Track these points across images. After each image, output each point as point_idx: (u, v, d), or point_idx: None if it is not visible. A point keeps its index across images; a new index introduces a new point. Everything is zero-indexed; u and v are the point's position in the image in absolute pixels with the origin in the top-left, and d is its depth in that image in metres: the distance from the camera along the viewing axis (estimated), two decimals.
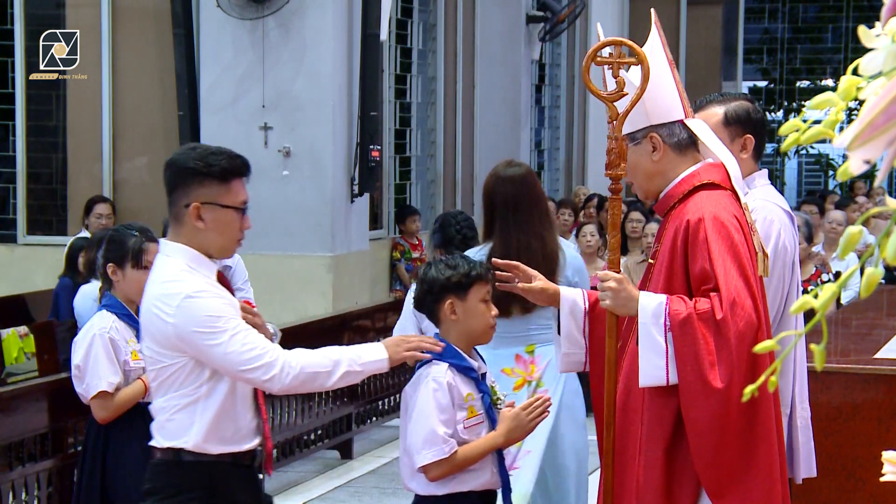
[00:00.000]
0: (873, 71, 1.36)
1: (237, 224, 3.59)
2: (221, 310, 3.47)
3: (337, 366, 3.51)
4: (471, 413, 3.70)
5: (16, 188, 10.63)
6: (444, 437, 3.62)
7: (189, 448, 3.53)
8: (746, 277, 3.33)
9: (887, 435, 4.93)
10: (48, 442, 5.48)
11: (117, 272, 4.64)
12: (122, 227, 4.80)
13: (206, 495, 3.56)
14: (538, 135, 15.26)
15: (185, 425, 3.53)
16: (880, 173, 1.43)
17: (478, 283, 3.75)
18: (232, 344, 3.43)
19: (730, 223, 3.38)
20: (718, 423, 3.29)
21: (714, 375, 3.26)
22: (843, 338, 6.00)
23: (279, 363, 3.44)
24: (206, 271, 3.56)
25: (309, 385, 3.54)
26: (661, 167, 3.53)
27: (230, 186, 3.57)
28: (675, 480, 3.40)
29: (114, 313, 4.63)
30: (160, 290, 3.51)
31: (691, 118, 3.59)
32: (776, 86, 22.82)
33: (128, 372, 4.62)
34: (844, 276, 1.40)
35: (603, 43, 3.52)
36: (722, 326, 3.27)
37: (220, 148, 3.64)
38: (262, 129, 9.70)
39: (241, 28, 9.61)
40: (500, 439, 3.72)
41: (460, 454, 3.65)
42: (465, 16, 13.13)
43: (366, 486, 7.41)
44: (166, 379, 3.54)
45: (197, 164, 3.55)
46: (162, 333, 3.49)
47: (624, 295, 3.42)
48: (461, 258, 3.84)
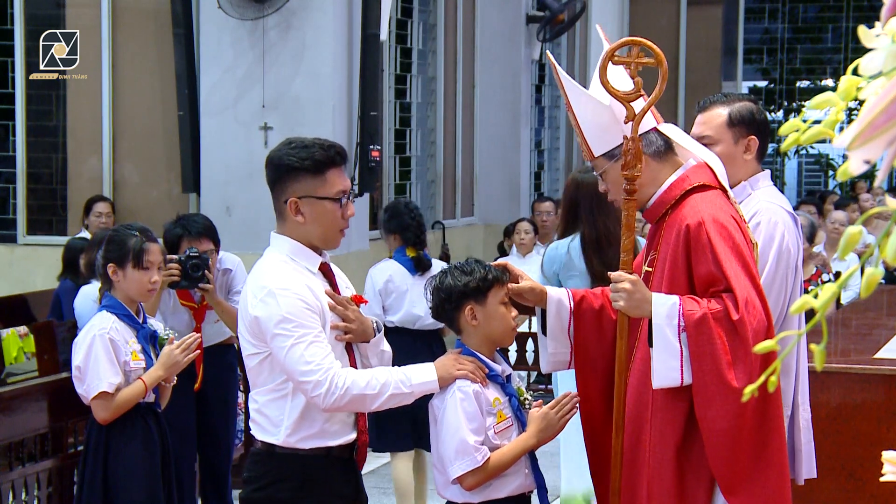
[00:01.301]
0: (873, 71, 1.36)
1: (337, 214, 3.62)
2: (297, 313, 3.49)
3: (385, 387, 3.53)
4: (500, 418, 3.68)
5: (16, 188, 10.63)
6: (475, 447, 3.60)
7: (280, 444, 3.58)
8: (753, 277, 3.35)
9: (887, 435, 4.93)
10: (48, 442, 5.48)
11: (118, 272, 4.63)
12: (123, 228, 4.79)
13: (301, 485, 3.60)
14: (538, 135, 15.26)
15: (275, 421, 3.59)
16: (880, 173, 1.43)
17: (496, 285, 3.71)
18: (293, 352, 3.48)
19: (728, 223, 3.39)
20: (736, 422, 3.29)
21: (732, 375, 3.26)
22: (843, 338, 6.00)
23: (327, 382, 3.46)
24: (307, 263, 3.63)
25: (356, 406, 3.55)
26: (644, 178, 3.53)
27: (325, 178, 3.60)
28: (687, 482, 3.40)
29: (114, 314, 4.63)
30: (253, 280, 3.61)
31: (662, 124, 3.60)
32: (776, 86, 22.82)
33: (128, 372, 4.61)
34: (844, 276, 1.40)
35: (621, 42, 3.51)
36: (739, 326, 3.26)
37: (314, 140, 3.65)
38: (262, 129, 9.69)
39: (241, 28, 9.61)
40: (532, 440, 3.69)
41: (494, 460, 3.63)
42: (465, 16, 13.13)
43: (366, 486, 7.39)
44: (254, 368, 3.61)
45: (290, 160, 3.59)
46: (247, 322, 3.57)
47: (638, 296, 3.41)
48: (475, 263, 3.79)
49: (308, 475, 3.60)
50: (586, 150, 3.59)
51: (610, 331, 3.66)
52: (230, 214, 9.72)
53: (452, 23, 12.87)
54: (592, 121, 3.54)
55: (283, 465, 3.61)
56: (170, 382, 4.75)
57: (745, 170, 4.04)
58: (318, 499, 3.63)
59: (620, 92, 3.46)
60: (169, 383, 4.76)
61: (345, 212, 3.64)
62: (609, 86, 3.46)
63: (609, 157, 3.55)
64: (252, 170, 9.79)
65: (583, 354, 3.72)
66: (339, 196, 3.61)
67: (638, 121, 3.46)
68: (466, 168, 13.29)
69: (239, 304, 3.71)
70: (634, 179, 3.49)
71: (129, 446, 4.62)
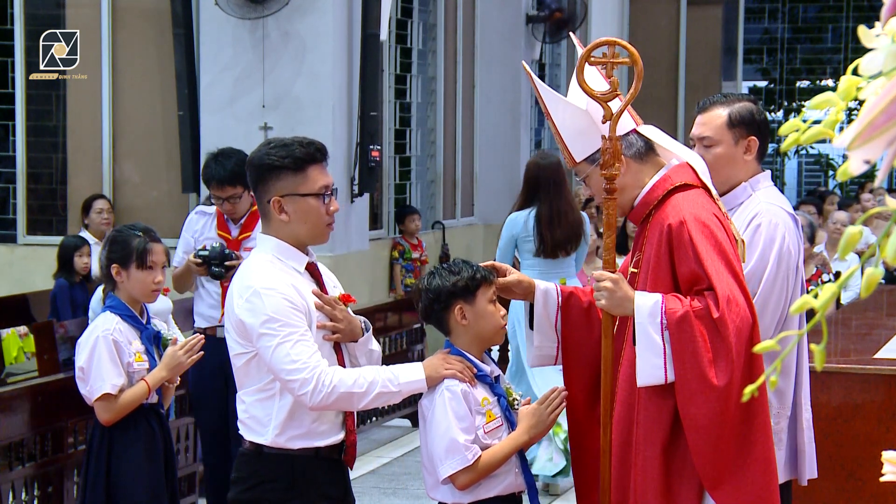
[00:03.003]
0: (873, 71, 1.36)
1: (321, 210, 3.61)
2: (282, 312, 3.50)
3: (372, 386, 3.52)
4: (489, 417, 3.67)
5: (16, 188, 10.63)
6: (465, 445, 3.59)
7: (268, 444, 3.59)
8: (736, 275, 3.36)
9: (887, 435, 4.93)
10: (48, 442, 5.48)
11: (121, 273, 4.61)
12: (126, 228, 4.78)
13: (288, 486, 3.60)
14: (538, 135, 15.26)
15: (263, 421, 3.60)
16: (880, 173, 1.43)
17: (484, 284, 3.71)
18: (279, 351, 3.48)
19: (710, 221, 3.40)
20: (717, 419, 3.30)
21: (713, 373, 3.28)
22: (843, 338, 6.00)
23: (314, 381, 3.46)
24: (294, 262, 3.63)
25: (343, 404, 3.56)
26: (627, 180, 3.54)
27: (307, 174, 3.60)
28: (673, 480, 3.40)
29: (117, 314, 4.60)
30: (239, 280, 3.61)
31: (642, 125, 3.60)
32: (776, 86, 22.82)
33: (131, 374, 4.59)
34: (844, 276, 1.40)
35: (597, 43, 3.55)
36: (720, 324, 3.28)
37: (294, 138, 3.66)
38: (262, 129, 9.69)
39: (241, 28, 9.61)
40: (523, 437, 3.68)
41: (485, 458, 3.62)
42: (465, 16, 13.13)
43: (365, 486, 7.40)
44: (241, 368, 3.62)
45: (271, 159, 3.60)
46: (233, 322, 3.58)
47: (619, 295, 3.43)
48: (463, 263, 3.79)
49: (296, 476, 3.60)
50: (568, 156, 3.59)
51: (597, 328, 3.66)
52: None
53: (452, 23, 12.87)
54: (571, 126, 3.55)
55: (271, 466, 3.61)
56: (173, 383, 4.74)
57: (745, 170, 4.03)
58: (306, 499, 3.63)
59: (597, 92, 3.49)
60: (172, 384, 4.75)
61: (328, 207, 3.63)
62: (586, 86, 3.49)
63: (591, 162, 3.56)
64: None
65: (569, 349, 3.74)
66: (322, 192, 3.61)
67: (616, 120, 3.47)
68: (466, 168, 13.29)
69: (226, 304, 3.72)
70: (614, 178, 3.51)
71: (131, 448, 4.61)
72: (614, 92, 3.49)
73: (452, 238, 12.19)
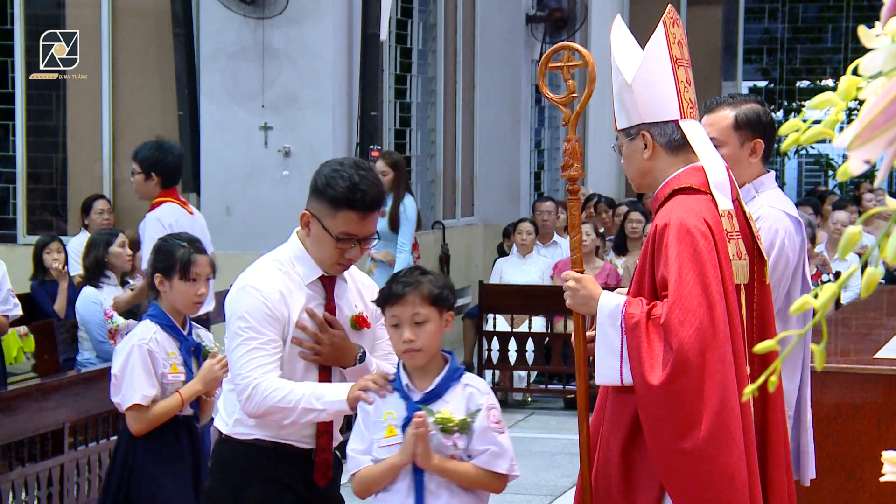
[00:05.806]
0: (873, 71, 1.36)
1: (333, 249, 3.60)
2: (255, 315, 3.55)
3: (298, 403, 3.52)
4: (389, 432, 3.50)
5: (16, 188, 10.63)
6: (350, 454, 3.55)
7: (228, 433, 3.71)
8: (706, 285, 3.27)
9: (887, 435, 4.93)
10: (48, 442, 5.48)
11: (164, 283, 4.53)
12: (171, 237, 4.71)
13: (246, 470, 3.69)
14: (538, 135, 15.25)
15: (229, 412, 3.71)
16: (880, 173, 1.43)
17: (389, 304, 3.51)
18: (235, 352, 3.58)
19: (696, 229, 3.32)
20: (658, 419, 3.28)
21: (651, 373, 3.27)
22: (843, 338, 6.00)
23: (248, 390, 3.53)
24: (303, 272, 3.65)
25: (275, 416, 3.58)
26: (651, 165, 3.52)
27: (337, 214, 3.57)
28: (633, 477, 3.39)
29: (157, 324, 4.51)
30: (245, 270, 3.71)
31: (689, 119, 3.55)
32: (776, 86, 22.80)
33: (165, 385, 4.49)
34: (844, 276, 1.40)
35: (554, 49, 3.70)
36: (665, 330, 3.26)
37: (358, 172, 3.58)
38: (262, 129, 9.70)
39: (241, 28, 9.61)
40: (395, 458, 3.48)
41: (363, 472, 3.53)
42: (465, 16, 13.13)
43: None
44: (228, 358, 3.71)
45: (321, 178, 3.61)
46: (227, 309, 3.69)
47: (583, 293, 3.46)
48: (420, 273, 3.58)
49: (257, 463, 3.67)
50: (615, 119, 3.62)
51: None
52: (230, 214, 9.72)
53: (452, 23, 12.87)
54: (618, 95, 3.57)
55: (231, 452, 3.71)
56: (210, 397, 4.62)
57: (749, 172, 4.03)
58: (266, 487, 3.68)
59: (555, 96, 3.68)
60: (210, 397, 4.63)
61: (345, 253, 3.61)
62: (545, 90, 3.72)
63: (626, 135, 3.56)
64: (252, 170, 9.79)
65: None
66: (341, 237, 3.58)
67: (573, 123, 3.61)
68: (466, 168, 13.28)
69: None
70: (574, 180, 3.61)
71: (154, 460, 4.52)
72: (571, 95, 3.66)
73: (452, 238, 12.19)
